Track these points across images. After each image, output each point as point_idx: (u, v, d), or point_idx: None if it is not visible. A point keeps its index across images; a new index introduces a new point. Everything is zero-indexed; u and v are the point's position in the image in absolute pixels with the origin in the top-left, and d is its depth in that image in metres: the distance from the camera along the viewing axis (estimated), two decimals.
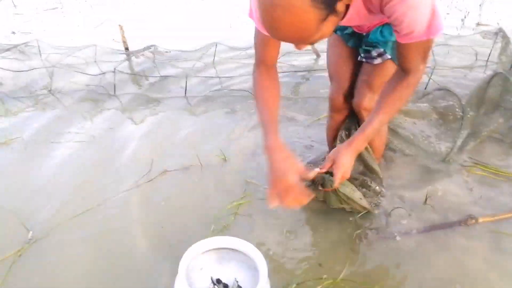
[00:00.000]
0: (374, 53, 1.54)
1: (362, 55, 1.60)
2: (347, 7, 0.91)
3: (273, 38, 0.92)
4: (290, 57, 3.43)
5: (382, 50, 1.52)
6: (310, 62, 3.45)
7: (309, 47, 3.47)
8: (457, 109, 2.01)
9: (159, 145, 2.41)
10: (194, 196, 1.95)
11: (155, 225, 1.77)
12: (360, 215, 1.71)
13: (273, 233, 1.68)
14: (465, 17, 4.87)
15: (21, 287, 1.50)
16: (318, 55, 3.48)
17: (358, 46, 1.61)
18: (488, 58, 3.10)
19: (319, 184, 1.49)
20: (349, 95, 1.71)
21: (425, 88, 2.66)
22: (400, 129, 2.07)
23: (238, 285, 1.28)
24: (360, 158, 1.78)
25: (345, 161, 1.31)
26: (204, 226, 1.73)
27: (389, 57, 1.52)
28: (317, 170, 1.37)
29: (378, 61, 1.55)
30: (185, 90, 2.96)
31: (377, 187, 1.83)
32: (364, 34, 1.55)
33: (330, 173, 1.42)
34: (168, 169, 2.15)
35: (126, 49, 3.78)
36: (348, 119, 1.82)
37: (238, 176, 2.06)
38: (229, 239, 1.28)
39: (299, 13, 0.80)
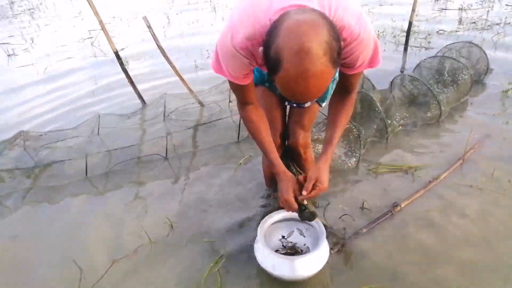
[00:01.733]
0: None
1: (292, 101, 1.87)
2: None
3: (293, 99, 1.11)
4: (176, 114, 3.51)
5: None
6: (196, 113, 3.59)
7: (193, 99, 3.63)
8: (354, 129, 2.51)
9: (85, 238, 2.15)
10: (160, 279, 1.84)
11: None
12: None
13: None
14: None
15: None
16: (202, 105, 3.66)
17: None
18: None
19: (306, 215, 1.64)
20: (283, 136, 1.97)
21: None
22: (318, 155, 2.45)
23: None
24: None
25: (326, 177, 1.54)
26: None
27: (315, 99, 1.84)
28: (304, 194, 1.56)
29: (307, 104, 1.85)
30: (86, 170, 2.70)
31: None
32: None
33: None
34: (115, 258, 1.97)
35: None
36: (284, 157, 2.06)
37: (195, 240, 2.04)
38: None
39: (327, 77, 1.01)
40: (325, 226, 1.99)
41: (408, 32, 4.35)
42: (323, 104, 1.90)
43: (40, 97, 4.30)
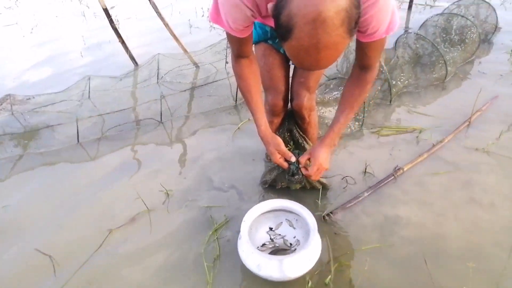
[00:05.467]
0: None
1: None
2: None
3: (302, 68, 0.99)
4: (170, 76, 3.35)
5: None
6: (191, 75, 3.44)
7: (189, 60, 3.47)
8: None
9: (79, 207, 2.07)
10: (159, 248, 1.79)
11: None
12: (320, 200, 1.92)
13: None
14: None
15: None
16: (197, 66, 3.50)
17: None
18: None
19: (292, 173, 1.72)
20: (286, 98, 1.85)
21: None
22: (322, 118, 2.35)
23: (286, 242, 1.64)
24: (304, 150, 1.95)
25: (321, 156, 1.52)
26: (192, 273, 1.63)
27: None
28: (294, 158, 1.62)
29: None
30: (77, 136, 2.59)
31: None
32: None
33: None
34: (113, 227, 1.91)
35: None
36: (286, 121, 1.96)
37: (193, 207, 1.98)
38: (280, 201, 1.65)
39: (341, 48, 0.91)
40: (325, 186, 1.97)
41: None
42: None
43: (27, 59, 4.09)
